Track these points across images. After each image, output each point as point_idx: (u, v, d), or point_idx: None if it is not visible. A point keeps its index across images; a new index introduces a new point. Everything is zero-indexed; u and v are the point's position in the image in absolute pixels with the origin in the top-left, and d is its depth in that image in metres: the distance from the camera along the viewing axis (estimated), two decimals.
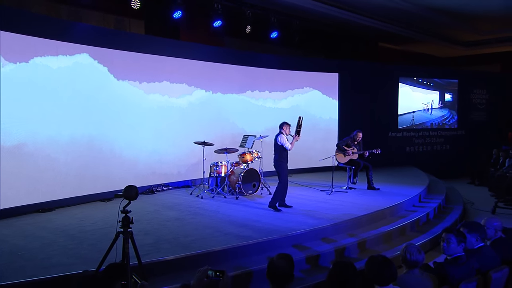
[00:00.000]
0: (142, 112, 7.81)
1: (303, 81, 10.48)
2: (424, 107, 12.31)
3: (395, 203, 6.99)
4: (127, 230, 3.57)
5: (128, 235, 3.57)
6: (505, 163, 10.13)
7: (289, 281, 2.48)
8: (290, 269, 2.50)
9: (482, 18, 11.70)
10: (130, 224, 3.60)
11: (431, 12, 10.88)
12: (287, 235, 5.31)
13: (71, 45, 6.81)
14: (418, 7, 10.43)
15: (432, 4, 10.30)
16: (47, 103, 6.56)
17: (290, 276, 2.49)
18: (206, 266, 2.67)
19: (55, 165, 6.67)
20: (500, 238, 3.76)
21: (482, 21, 12.09)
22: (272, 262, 2.51)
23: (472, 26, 12.53)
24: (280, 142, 6.52)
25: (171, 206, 6.79)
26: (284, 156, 6.63)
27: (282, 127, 6.62)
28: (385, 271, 2.83)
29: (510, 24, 12.40)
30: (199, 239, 5.02)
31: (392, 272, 2.85)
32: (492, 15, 11.41)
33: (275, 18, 9.46)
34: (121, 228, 3.57)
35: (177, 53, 8.35)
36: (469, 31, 12.91)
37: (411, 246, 3.19)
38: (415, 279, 3.09)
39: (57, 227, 5.62)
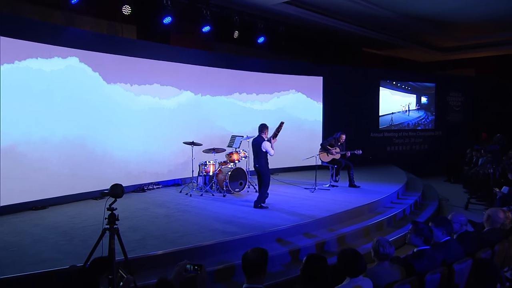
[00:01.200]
0: (133, 113, 7.79)
1: (289, 84, 10.54)
2: (402, 108, 12.49)
3: (373, 200, 7.08)
4: (113, 227, 3.57)
5: (114, 231, 3.57)
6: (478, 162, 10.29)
7: (261, 273, 2.52)
8: (263, 262, 2.53)
9: (458, 25, 11.89)
10: (116, 221, 3.59)
11: (411, 20, 11.03)
12: (270, 231, 5.35)
13: (63, 49, 6.78)
14: (399, 15, 10.56)
15: (412, 12, 10.45)
16: (41, 105, 6.52)
17: (263, 268, 2.52)
18: (185, 260, 2.71)
19: (48, 164, 6.63)
20: (465, 232, 3.84)
21: (458, 29, 12.29)
22: (246, 255, 2.54)
23: (449, 33, 12.73)
24: (265, 149, 6.52)
25: (161, 204, 6.79)
26: (267, 159, 6.67)
27: (263, 130, 6.59)
28: (355, 263, 2.89)
29: (484, 32, 12.64)
30: (185, 235, 5.03)
31: (361, 264, 2.91)
32: (468, 23, 11.62)
33: (262, 24, 9.50)
34: (107, 225, 3.56)
35: (167, 57, 8.35)
36: (446, 37, 13.12)
37: (382, 240, 3.24)
38: (385, 271, 3.15)
39: (49, 224, 5.59)
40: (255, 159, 6.63)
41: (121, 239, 3.68)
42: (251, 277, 2.51)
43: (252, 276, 2.51)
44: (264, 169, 6.60)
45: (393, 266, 3.20)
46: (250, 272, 2.51)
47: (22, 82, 6.29)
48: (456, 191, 10.00)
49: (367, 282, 2.96)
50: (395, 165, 11.55)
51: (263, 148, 6.50)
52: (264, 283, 2.54)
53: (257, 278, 2.51)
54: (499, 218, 3.98)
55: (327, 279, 2.73)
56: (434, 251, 3.40)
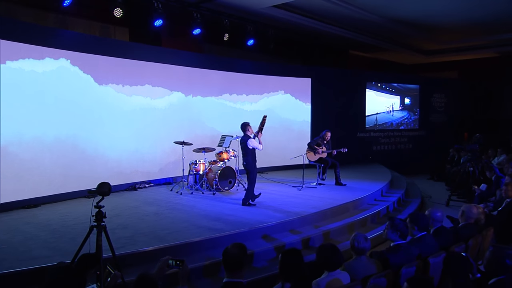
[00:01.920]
0: (125, 114, 7.76)
1: (278, 86, 10.57)
2: (387, 109, 12.60)
3: (358, 197, 7.13)
4: (101, 224, 3.57)
5: (101, 228, 3.57)
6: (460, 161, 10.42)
7: (242, 268, 2.54)
8: (243, 257, 2.55)
9: (441, 29, 12.02)
10: (103, 218, 3.59)
11: (396, 24, 11.12)
12: (256, 228, 5.38)
13: (56, 51, 6.74)
14: (384, 18, 10.64)
15: (397, 16, 10.53)
16: (33, 105, 6.48)
17: (243, 263, 2.54)
18: (167, 256, 2.72)
19: (41, 164, 6.58)
20: (441, 227, 3.90)
21: (442, 32, 12.42)
22: (226, 251, 2.56)
23: (432, 37, 12.85)
24: (252, 146, 6.53)
25: (151, 202, 6.78)
26: (254, 157, 6.67)
27: (246, 128, 6.57)
28: (333, 257, 2.93)
29: (466, 36, 12.78)
30: (174, 232, 5.04)
31: (339, 258, 2.95)
32: (451, 27, 11.74)
33: (252, 27, 9.51)
34: (95, 222, 3.56)
35: (159, 58, 8.33)
36: (430, 41, 13.23)
37: (359, 235, 3.29)
38: (361, 264, 3.19)
39: (40, 222, 5.56)
40: (243, 157, 6.65)
41: (109, 236, 3.69)
42: (231, 272, 2.53)
43: (232, 271, 2.53)
44: (251, 167, 6.61)
45: (370, 260, 3.25)
46: (231, 267, 2.53)
47: (15, 83, 6.24)
48: (439, 189, 10.11)
49: (345, 275, 3.01)
50: (380, 164, 11.65)
51: (249, 145, 6.51)
52: (244, 277, 2.56)
53: (238, 273, 2.53)
54: (473, 214, 4.05)
55: (304, 273, 2.76)
56: (410, 245, 3.45)
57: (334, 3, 9.35)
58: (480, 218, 4.15)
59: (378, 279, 3.02)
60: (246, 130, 6.59)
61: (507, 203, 5.12)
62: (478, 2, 9.22)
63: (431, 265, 3.33)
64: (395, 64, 16.39)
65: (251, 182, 6.61)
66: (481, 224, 4.18)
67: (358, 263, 3.20)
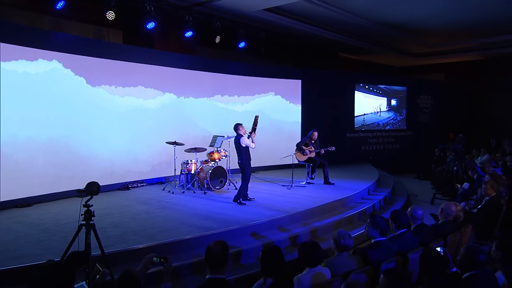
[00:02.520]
0: (118, 115, 7.75)
1: (269, 87, 10.60)
2: (374, 110, 12.69)
3: (345, 196, 7.18)
4: (89, 223, 3.57)
5: (90, 227, 3.56)
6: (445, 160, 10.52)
7: (224, 265, 2.55)
8: (225, 254, 2.57)
9: (428, 33, 12.13)
10: (92, 217, 3.59)
11: (384, 27, 11.20)
12: (245, 226, 5.40)
13: (49, 53, 6.71)
14: (373, 22, 10.71)
15: (385, 20, 10.61)
16: (27, 106, 6.45)
17: (225, 260, 2.56)
18: (152, 253, 2.73)
19: (34, 164, 6.54)
20: (421, 224, 3.95)
21: (429, 36, 12.53)
22: (209, 249, 2.57)
23: (420, 40, 12.96)
24: (245, 144, 6.58)
25: (143, 201, 6.76)
26: (249, 155, 6.72)
27: (238, 128, 6.64)
28: (314, 254, 2.96)
29: (452, 39, 12.91)
30: (164, 231, 5.04)
31: (320, 255, 2.98)
32: (437, 30, 11.85)
33: (243, 30, 9.52)
34: (84, 221, 3.56)
35: (151, 60, 8.32)
36: (418, 44, 13.34)
37: (343, 232, 3.32)
38: (343, 261, 3.23)
39: (33, 221, 5.54)
40: (238, 156, 6.72)
41: (98, 234, 3.69)
42: (214, 269, 2.55)
43: (215, 268, 2.55)
44: (245, 165, 6.64)
45: (351, 256, 3.28)
46: (213, 264, 2.54)
47: (8, 84, 6.20)
48: (425, 187, 10.20)
49: (326, 271, 3.04)
50: (369, 163, 11.72)
51: (242, 143, 6.56)
52: (225, 274, 2.58)
53: (220, 269, 2.55)
54: (452, 211, 4.11)
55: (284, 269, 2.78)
56: (390, 242, 3.49)
57: (324, 7, 9.40)
58: (459, 216, 4.21)
59: (358, 275, 3.06)
60: (238, 130, 6.66)
61: (486, 201, 5.18)
62: (463, 6, 9.33)
63: (410, 261, 3.37)
64: (384, 66, 16.50)
65: (245, 180, 6.65)
66: (460, 221, 4.24)
67: (340, 260, 3.23)
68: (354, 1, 9.13)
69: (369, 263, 3.22)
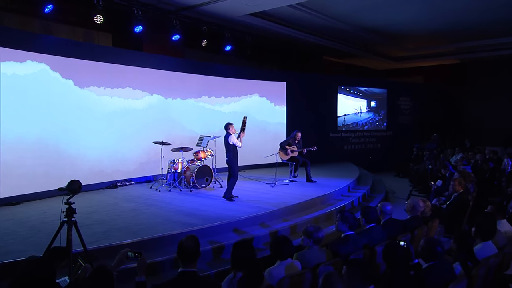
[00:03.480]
0: (107, 115, 7.71)
1: (255, 89, 10.64)
2: (355, 111, 12.85)
3: (325, 193, 7.25)
4: (71, 220, 3.56)
5: (72, 223, 3.56)
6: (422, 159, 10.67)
7: (195, 259, 2.57)
8: (197, 249, 2.59)
9: (407, 37, 12.32)
10: (73, 214, 3.59)
11: (366, 32, 11.35)
12: (227, 222, 5.43)
13: (38, 55, 6.65)
14: (355, 27, 10.84)
15: (366, 25, 10.75)
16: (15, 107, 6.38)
17: (197, 254, 2.58)
18: (127, 248, 2.75)
19: (23, 163, 6.47)
20: (390, 219, 4.03)
21: (408, 40, 12.73)
22: (181, 243, 2.59)
23: (400, 44, 13.15)
24: (232, 142, 6.65)
25: (130, 199, 6.74)
26: (236, 153, 6.78)
27: (228, 128, 6.73)
28: (284, 248, 3.01)
29: (430, 43, 13.14)
30: (148, 227, 5.04)
31: (290, 248, 3.03)
32: (416, 36, 12.05)
33: (229, 34, 9.55)
34: (66, 218, 3.55)
35: (140, 63, 8.30)
36: (398, 48, 13.54)
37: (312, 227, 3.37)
38: (314, 254, 3.28)
39: (20, 218, 5.49)
40: (226, 153, 6.78)
41: (79, 231, 3.69)
42: (185, 263, 2.56)
43: (187, 262, 2.56)
44: (232, 162, 6.71)
45: (321, 250, 3.34)
46: (185, 258, 2.55)
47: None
48: (403, 185, 10.35)
49: (296, 263, 3.09)
50: (351, 162, 11.84)
51: (230, 141, 6.62)
52: (196, 267, 2.60)
53: (191, 263, 2.57)
54: (419, 207, 4.20)
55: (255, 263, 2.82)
56: (359, 236, 3.56)
57: (307, 13, 9.48)
58: (425, 211, 4.30)
59: (327, 267, 3.11)
60: (228, 129, 6.76)
61: (454, 197, 5.31)
62: (436, 13, 9.50)
63: (377, 253, 3.45)
64: (367, 69, 16.68)
65: (233, 176, 6.71)
66: (427, 216, 4.33)
67: (311, 253, 3.28)
68: (336, 7, 9.24)
69: (338, 256, 3.28)
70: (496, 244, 3.38)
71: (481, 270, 2.93)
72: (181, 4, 8.23)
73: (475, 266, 2.94)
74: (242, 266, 2.75)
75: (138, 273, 2.61)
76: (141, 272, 2.60)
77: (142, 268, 2.61)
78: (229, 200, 6.62)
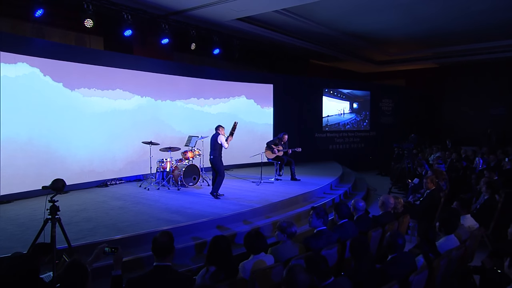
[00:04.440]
0: (97, 116, 7.67)
1: (243, 91, 10.67)
2: (338, 112, 12.97)
3: (307, 190, 7.31)
4: (55, 217, 3.56)
5: (56, 220, 3.56)
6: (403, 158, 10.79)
7: (169, 254, 2.60)
8: (170, 244, 2.62)
9: (389, 43, 12.47)
10: (57, 211, 3.58)
11: (350, 37, 11.46)
12: (211, 219, 5.45)
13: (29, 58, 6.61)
14: (339, 32, 10.94)
15: (350, 31, 10.86)
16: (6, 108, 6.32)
17: (170, 249, 2.61)
18: (104, 243, 2.76)
19: (14, 162, 6.42)
20: (363, 215, 4.10)
21: (389, 45, 12.88)
22: (155, 239, 2.61)
23: (382, 49, 13.31)
24: (220, 141, 6.70)
25: (119, 197, 6.72)
26: (221, 153, 6.80)
27: (218, 129, 6.81)
28: (257, 242, 3.05)
29: (409, 48, 13.31)
30: (134, 224, 5.04)
31: (262, 243, 3.07)
32: (396, 41, 12.21)
33: (217, 37, 9.56)
34: (49, 215, 3.55)
35: (130, 65, 8.27)
36: (381, 52, 13.70)
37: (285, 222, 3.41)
38: (287, 248, 3.32)
39: (9, 216, 5.45)
40: (211, 151, 6.82)
41: (64, 228, 3.69)
42: (160, 257, 2.59)
43: (161, 256, 2.59)
44: (217, 160, 6.77)
45: (294, 244, 3.38)
46: (160, 253, 2.58)
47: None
48: (385, 183, 10.46)
49: (269, 257, 3.13)
50: (336, 161, 11.94)
51: (219, 140, 6.70)
52: (171, 261, 2.63)
53: (166, 258, 2.60)
54: (390, 204, 4.28)
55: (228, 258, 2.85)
56: (331, 231, 3.62)
57: (293, 18, 9.55)
58: (397, 207, 4.38)
59: (298, 261, 3.15)
60: (218, 130, 6.85)
61: (427, 194, 5.40)
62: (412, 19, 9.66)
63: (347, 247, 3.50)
64: (351, 72, 16.83)
65: (220, 174, 6.74)
66: (398, 212, 4.41)
67: (284, 247, 3.33)
68: (321, 13, 9.32)
69: (310, 250, 3.33)
70: (459, 237, 3.46)
71: (442, 261, 3.00)
72: (170, 9, 8.23)
73: (436, 258, 3.01)
74: (215, 261, 2.78)
75: (114, 267, 2.64)
76: (117, 266, 2.63)
77: (118, 262, 2.64)
78: (215, 197, 6.65)
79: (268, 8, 8.37)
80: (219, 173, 6.78)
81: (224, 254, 2.81)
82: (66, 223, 4.90)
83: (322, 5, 8.52)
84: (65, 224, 4.72)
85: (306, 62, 14.09)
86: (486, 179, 5.16)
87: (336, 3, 8.42)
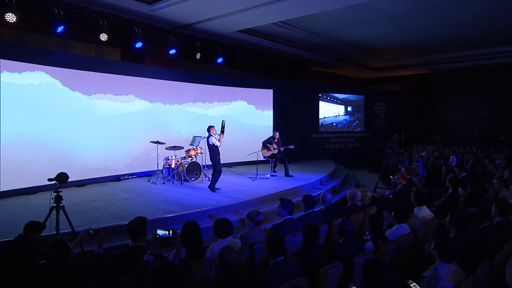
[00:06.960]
0: (111, 119, 7.98)
1: (244, 96, 10.81)
2: (334, 114, 12.95)
3: (297, 185, 7.37)
4: (59, 205, 3.81)
5: (59, 208, 3.80)
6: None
7: (142, 235, 2.78)
8: (142, 227, 2.79)
9: (383, 51, 12.37)
10: (61, 200, 3.82)
11: (345, 46, 11.46)
12: (204, 210, 5.61)
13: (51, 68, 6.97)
14: (335, 42, 10.96)
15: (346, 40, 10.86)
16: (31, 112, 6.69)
17: (143, 231, 2.78)
18: (89, 227, 2.97)
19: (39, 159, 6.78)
20: (330, 206, 4.17)
21: (383, 53, 12.77)
22: (129, 223, 2.80)
23: (377, 56, 13.20)
24: (211, 143, 6.84)
25: (128, 190, 6.97)
26: (216, 151, 6.95)
27: (210, 130, 6.92)
28: (223, 228, 3.19)
29: (403, 55, 13.15)
30: (135, 213, 5.22)
31: (228, 229, 3.21)
32: (390, 49, 12.10)
33: (221, 48, 9.75)
34: (54, 204, 3.79)
35: (142, 73, 8.56)
36: (376, 60, 13.59)
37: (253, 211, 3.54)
38: (254, 234, 3.46)
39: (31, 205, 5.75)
40: (209, 152, 7.01)
41: (67, 215, 3.93)
42: (134, 238, 2.77)
43: (135, 237, 2.77)
44: (213, 159, 6.93)
45: (261, 230, 3.51)
46: (133, 235, 2.77)
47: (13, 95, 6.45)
48: (375, 179, 10.30)
49: (236, 241, 3.26)
50: (331, 160, 11.92)
51: (210, 142, 6.84)
52: (144, 242, 2.80)
53: (138, 238, 2.78)
54: (357, 196, 4.34)
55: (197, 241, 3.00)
56: (297, 220, 3.72)
57: (291, 30, 9.64)
58: (364, 200, 4.43)
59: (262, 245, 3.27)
60: (209, 131, 6.97)
61: (399, 188, 5.41)
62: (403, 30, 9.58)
63: None
64: (348, 78, 16.72)
65: (217, 171, 6.91)
66: (365, 204, 4.46)
67: (252, 233, 3.46)
68: (317, 25, 9.39)
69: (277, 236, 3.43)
70: (411, 226, 3.50)
71: (389, 246, 3.07)
72: (177, 23, 8.48)
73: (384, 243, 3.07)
74: (186, 243, 2.94)
75: (97, 247, 2.83)
76: (100, 246, 2.83)
77: (101, 243, 2.83)
78: (212, 191, 6.82)
79: (265, 21, 8.50)
80: (216, 170, 6.94)
81: (194, 237, 2.97)
82: (78, 211, 5.22)
83: (317, 18, 8.59)
84: (77, 212, 5.03)
85: (306, 69, 14.11)
86: (451, 175, 5.13)
87: (331, 16, 8.47)
